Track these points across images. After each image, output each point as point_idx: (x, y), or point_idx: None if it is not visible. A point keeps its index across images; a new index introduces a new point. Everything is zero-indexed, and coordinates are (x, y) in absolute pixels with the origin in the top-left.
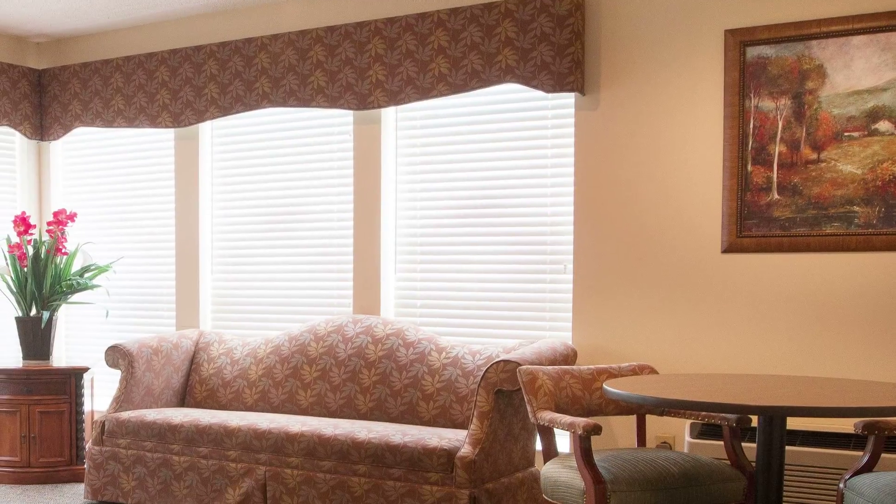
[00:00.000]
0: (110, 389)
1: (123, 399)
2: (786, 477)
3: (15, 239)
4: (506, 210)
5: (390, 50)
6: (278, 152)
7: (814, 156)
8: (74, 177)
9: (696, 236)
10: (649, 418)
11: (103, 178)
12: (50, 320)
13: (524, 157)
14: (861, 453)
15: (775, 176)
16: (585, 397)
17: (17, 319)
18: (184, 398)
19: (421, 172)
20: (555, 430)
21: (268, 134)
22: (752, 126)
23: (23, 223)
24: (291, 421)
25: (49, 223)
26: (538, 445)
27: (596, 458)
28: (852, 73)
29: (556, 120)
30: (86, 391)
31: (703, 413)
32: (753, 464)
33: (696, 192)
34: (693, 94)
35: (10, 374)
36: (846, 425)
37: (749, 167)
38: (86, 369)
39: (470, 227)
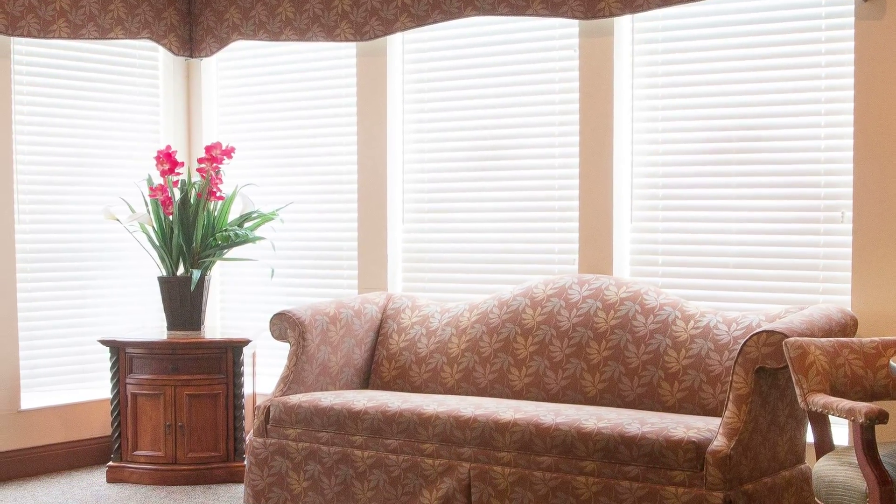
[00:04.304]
0: (276, 367)
1: (293, 379)
2: None
3: (158, 180)
4: (768, 144)
5: None
6: (485, 73)
7: None
8: (231, 103)
9: None
10: None
11: (267, 104)
12: (201, 281)
13: (792, 79)
14: None
15: None
16: (868, 377)
17: (161, 280)
18: (367, 378)
19: (663, 97)
20: (830, 417)
21: (472, 49)
22: None
23: (168, 160)
24: (502, 406)
25: (200, 160)
26: (809, 437)
27: (881, 452)
28: None
29: (832, 32)
30: (246, 369)
31: None
32: None
33: None
34: None
35: (152, 348)
36: None
37: None
38: (246, 342)
39: (724, 164)
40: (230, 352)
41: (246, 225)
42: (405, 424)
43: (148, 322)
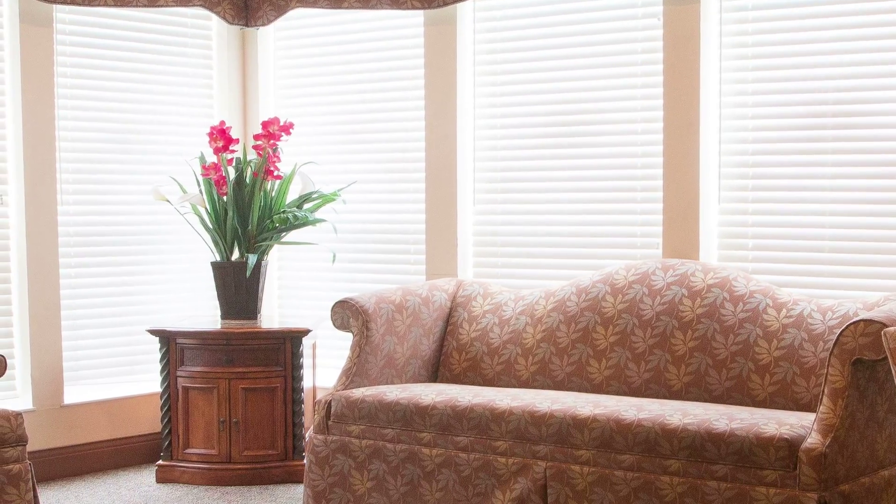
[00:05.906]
0: (338, 359)
1: (356, 372)
2: None
3: (212, 158)
4: (866, 120)
5: None
6: (562, 42)
7: None
8: (290, 75)
9: None
10: None
11: (329, 77)
12: (257, 267)
13: (891, 49)
14: None
15: None
16: None
17: (215, 265)
18: (436, 370)
19: (754, 69)
20: None
21: (549, 18)
22: None
23: (221, 137)
24: (580, 401)
25: (256, 137)
26: None
27: None
28: None
29: None
30: (306, 361)
31: None
32: None
33: None
34: None
35: (204, 338)
36: None
37: None
38: (306, 332)
39: (819, 141)
40: (289, 342)
41: (305, 206)
42: (476, 420)
43: (200, 310)
